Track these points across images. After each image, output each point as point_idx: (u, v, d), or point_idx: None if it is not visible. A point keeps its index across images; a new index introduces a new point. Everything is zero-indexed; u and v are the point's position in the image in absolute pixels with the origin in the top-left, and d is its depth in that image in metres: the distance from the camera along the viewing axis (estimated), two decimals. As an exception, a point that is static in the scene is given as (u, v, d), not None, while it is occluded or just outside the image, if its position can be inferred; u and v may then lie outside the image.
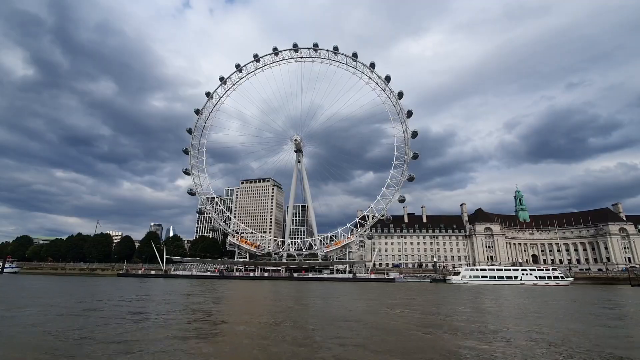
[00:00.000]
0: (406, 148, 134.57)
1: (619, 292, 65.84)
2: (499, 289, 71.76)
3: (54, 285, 59.92)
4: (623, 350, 14.76)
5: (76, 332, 16.36)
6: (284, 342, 14.97)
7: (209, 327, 18.55)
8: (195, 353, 12.60)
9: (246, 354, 12.94)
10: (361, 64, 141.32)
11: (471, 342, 15.54)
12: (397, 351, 13.58)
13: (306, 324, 20.85)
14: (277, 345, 14.18)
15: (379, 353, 13.23)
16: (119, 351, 12.69)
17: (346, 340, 15.45)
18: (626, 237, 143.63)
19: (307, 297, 42.72)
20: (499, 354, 13.45)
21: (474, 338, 16.68)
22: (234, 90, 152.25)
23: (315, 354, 12.92)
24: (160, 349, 13.03)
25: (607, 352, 14.03)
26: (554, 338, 17.08)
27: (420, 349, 14.14)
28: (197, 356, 12.20)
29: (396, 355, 12.86)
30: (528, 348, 14.59)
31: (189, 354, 12.42)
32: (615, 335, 19.03)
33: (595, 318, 26.43)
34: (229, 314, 26.11)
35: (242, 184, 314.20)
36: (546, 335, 17.98)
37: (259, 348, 13.79)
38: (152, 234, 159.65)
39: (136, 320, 20.43)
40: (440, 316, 25.81)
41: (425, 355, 12.98)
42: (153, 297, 38.14)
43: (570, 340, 16.51)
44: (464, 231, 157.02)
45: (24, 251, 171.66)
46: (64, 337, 15.13)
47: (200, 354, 12.47)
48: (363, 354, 12.98)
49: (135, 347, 13.31)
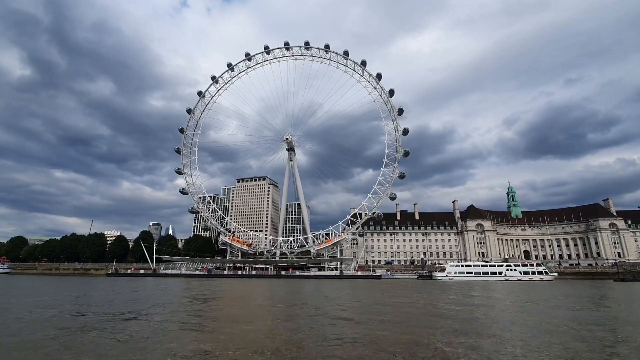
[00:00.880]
0: (397, 145, 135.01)
1: (597, 286, 66.80)
2: (481, 284, 72.75)
3: (29, 284, 60.56)
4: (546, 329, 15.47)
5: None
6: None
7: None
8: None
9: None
10: (352, 62, 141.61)
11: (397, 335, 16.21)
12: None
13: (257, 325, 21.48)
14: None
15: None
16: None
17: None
18: (616, 232, 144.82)
19: (277, 295, 43.39)
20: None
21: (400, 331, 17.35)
22: (226, 89, 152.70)
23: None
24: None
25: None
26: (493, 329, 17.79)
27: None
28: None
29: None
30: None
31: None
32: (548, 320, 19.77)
33: (545, 308, 27.19)
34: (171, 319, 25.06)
35: (239, 183, 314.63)
36: (488, 323, 18.71)
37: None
38: (146, 234, 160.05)
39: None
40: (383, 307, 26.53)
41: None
42: (96, 298, 37.10)
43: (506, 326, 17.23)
44: (456, 228, 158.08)
45: (18, 252, 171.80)
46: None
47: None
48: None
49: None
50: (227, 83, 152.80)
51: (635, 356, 12.32)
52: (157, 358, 11.33)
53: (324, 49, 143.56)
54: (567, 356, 12.09)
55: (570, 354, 12.43)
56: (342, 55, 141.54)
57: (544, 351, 12.77)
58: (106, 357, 11.46)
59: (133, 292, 43.89)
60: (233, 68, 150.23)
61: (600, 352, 12.88)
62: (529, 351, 12.73)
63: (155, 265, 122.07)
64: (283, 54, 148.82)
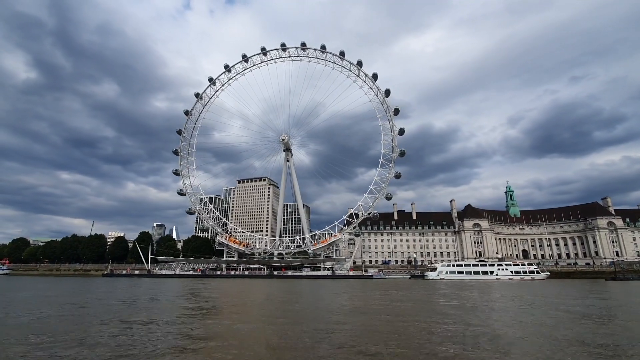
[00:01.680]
0: (393, 145, 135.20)
1: (585, 285, 66.82)
2: (471, 283, 72.97)
3: (12, 286, 61.71)
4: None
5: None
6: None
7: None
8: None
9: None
10: (348, 62, 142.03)
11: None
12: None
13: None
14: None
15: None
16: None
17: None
18: (614, 231, 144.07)
19: (251, 294, 44.07)
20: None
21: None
22: (223, 90, 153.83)
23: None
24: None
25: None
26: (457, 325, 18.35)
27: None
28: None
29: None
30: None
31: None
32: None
33: (511, 305, 27.65)
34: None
35: (239, 184, 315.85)
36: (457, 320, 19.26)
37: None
38: (145, 235, 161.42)
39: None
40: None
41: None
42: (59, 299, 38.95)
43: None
44: (453, 227, 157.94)
45: (20, 253, 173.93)
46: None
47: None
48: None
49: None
50: (224, 85, 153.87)
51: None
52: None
53: (320, 50, 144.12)
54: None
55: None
56: (338, 56, 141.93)
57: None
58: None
59: (107, 293, 44.12)
60: (230, 70, 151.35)
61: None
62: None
63: (150, 266, 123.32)
64: (280, 55, 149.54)
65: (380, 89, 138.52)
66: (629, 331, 17.93)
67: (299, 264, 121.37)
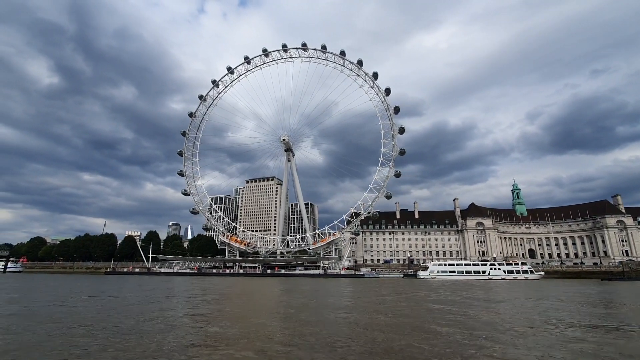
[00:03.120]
0: (393, 144, 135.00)
1: (577, 285, 65.75)
2: (461, 283, 72.79)
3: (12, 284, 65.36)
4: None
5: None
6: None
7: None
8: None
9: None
10: (349, 61, 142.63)
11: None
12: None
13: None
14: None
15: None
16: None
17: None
18: (624, 229, 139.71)
19: (234, 292, 45.63)
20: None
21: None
22: (226, 92, 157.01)
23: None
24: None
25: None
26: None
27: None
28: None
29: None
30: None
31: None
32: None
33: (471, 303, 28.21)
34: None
35: (248, 183, 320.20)
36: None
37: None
38: (152, 234, 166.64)
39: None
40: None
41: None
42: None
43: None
44: (456, 226, 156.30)
45: (37, 252, 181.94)
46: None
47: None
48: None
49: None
50: (227, 87, 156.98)
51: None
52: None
53: (321, 50, 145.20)
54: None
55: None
56: (338, 56, 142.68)
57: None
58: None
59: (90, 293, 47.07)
60: (233, 71, 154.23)
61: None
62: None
63: (151, 264, 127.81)
64: (281, 56, 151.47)
65: (381, 87, 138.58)
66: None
67: (293, 263, 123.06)
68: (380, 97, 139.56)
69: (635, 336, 16.37)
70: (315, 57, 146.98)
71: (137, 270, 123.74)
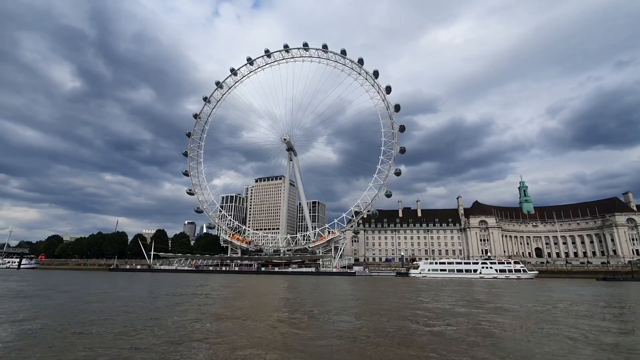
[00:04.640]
0: (393, 142, 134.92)
1: (568, 285, 64.92)
2: (451, 281, 72.84)
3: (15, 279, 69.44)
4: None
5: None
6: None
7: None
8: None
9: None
10: (350, 60, 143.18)
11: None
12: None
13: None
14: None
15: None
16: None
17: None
18: (634, 228, 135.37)
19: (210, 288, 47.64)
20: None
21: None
22: (230, 93, 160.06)
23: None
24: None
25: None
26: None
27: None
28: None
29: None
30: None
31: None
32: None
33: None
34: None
35: (257, 182, 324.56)
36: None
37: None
38: (160, 233, 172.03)
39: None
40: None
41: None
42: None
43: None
44: (459, 225, 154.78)
45: (54, 249, 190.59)
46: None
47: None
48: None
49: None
50: (230, 88, 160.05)
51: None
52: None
53: (322, 49, 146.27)
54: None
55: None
56: (339, 55, 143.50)
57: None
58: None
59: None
60: (236, 73, 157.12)
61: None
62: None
63: (152, 262, 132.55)
64: (283, 57, 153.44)
65: (381, 86, 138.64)
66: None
67: (286, 261, 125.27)
68: (380, 95, 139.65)
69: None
70: (316, 56, 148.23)
71: (138, 267, 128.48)
